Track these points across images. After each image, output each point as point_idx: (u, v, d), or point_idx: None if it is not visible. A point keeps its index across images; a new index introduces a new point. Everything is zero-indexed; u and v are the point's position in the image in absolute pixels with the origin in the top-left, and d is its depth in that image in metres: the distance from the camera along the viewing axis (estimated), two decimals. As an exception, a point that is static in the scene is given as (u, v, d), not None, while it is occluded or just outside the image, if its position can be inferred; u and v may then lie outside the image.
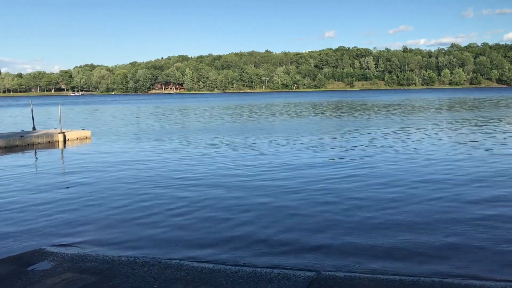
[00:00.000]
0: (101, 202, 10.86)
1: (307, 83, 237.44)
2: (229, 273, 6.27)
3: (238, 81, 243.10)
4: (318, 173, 13.81)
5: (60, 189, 12.51)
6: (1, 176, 14.62)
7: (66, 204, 10.79)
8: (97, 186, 12.69)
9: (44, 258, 6.92)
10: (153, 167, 15.74)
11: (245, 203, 10.51)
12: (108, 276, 6.10)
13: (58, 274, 6.17)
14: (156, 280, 5.95)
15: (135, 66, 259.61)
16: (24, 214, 10.00)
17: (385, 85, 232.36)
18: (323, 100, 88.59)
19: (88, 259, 6.87)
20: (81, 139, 25.26)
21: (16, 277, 6.07)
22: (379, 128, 28.52)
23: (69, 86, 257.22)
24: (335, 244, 7.67)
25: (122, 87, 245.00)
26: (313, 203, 10.38)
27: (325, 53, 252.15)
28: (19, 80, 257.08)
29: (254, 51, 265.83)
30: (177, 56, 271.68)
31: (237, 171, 14.59)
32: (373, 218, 9.05)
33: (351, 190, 11.58)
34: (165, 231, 8.56)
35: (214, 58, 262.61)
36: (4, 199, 11.36)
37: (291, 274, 6.25)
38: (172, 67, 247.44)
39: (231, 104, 78.51)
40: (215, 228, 8.66)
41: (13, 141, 22.43)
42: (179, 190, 11.92)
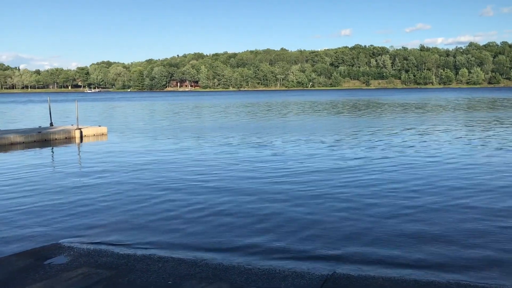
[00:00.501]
0: (116, 199, 10.95)
1: (322, 81, 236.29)
2: (243, 270, 6.28)
3: (253, 79, 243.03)
4: (336, 175, 13.73)
5: (76, 185, 12.65)
6: (19, 171, 14.83)
7: (82, 199, 10.91)
8: (113, 183, 12.80)
9: (60, 252, 7.01)
10: (169, 165, 15.81)
11: (260, 203, 10.50)
12: (123, 271, 6.15)
13: (74, 268, 6.25)
14: (170, 276, 5.98)
15: (151, 64, 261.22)
16: (41, 209, 10.13)
17: (401, 84, 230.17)
18: (340, 99, 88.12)
19: (104, 254, 6.93)
20: (98, 135, 25.51)
21: (33, 271, 6.16)
22: (399, 128, 28.25)
23: (86, 83, 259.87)
24: (351, 247, 7.61)
25: (138, 84, 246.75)
26: (330, 205, 10.32)
27: (341, 51, 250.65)
28: (37, 76, 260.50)
29: (270, 49, 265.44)
30: (193, 53, 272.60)
31: (253, 170, 14.58)
32: (392, 224, 8.89)
33: (370, 193, 11.48)
34: (180, 229, 8.60)
35: (229, 56, 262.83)
36: (21, 194, 11.53)
37: (305, 272, 6.23)
38: (188, 65, 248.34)
39: (247, 102, 78.55)
40: (229, 228, 8.67)
41: (31, 137, 22.75)
42: (195, 189, 11.96)
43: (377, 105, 59.46)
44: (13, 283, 5.71)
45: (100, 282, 5.74)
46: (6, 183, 12.90)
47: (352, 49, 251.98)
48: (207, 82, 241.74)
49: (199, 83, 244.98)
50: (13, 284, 5.67)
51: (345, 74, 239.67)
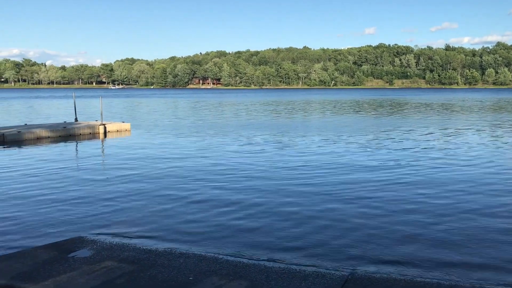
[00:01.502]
0: (139, 194, 11.08)
1: (345, 80, 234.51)
2: (263, 268, 6.28)
3: (275, 77, 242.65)
4: (362, 176, 13.63)
5: (100, 179, 12.84)
6: (44, 166, 15.13)
7: (105, 194, 11.07)
8: (135, 178, 12.95)
9: (84, 246, 7.12)
10: (192, 161, 15.90)
11: (281, 202, 10.49)
12: (145, 266, 6.21)
13: (97, 262, 6.34)
14: (191, 272, 6.02)
15: (174, 61, 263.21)
16: (65, 202, 10.32)
17: (425, 84, 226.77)
18: (364, 98, 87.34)
19: (126, 248, 7.02)
20: (121, 131, 25.85)
21: (57, 263, 6.27)
22: (428, 128, 27.87)
23: (110, 79, 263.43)
24: (372, 248, 7.55)
25: (161, 81, 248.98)
26: (352, 205, 10.25)
27: (365, 50, 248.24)
28: (62, 72, 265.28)
29: (292, 47, 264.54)
30: (215, 51, 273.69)
31: (277, 170, 14.57)
32: (416, 226, 8.81)
33: (394, 195, 11.35)
34: (201, 225, 8.65)
35: (251, 54, 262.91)
36: (46, 188, 11.76)
37: (325, 273, 6.19)
38: (210, 62, 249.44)
39: (270, 100, 78.51)
40: (250, 226, 8.69)
41: (56, 132, 23.19)
42: (218, 186, 12.01)
43: (403, 105, 58.73)
44: (38, 275, 5.83)
45: (123, 276, 5.81)
46: (32, 177, 13.17)
47: (376, 48, 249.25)
48: (229, 79, 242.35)
49: (221, 80, 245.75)
50: (39, 276, 5.79)
51: (368, 73, 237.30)
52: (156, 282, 5.66)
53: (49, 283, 5.55)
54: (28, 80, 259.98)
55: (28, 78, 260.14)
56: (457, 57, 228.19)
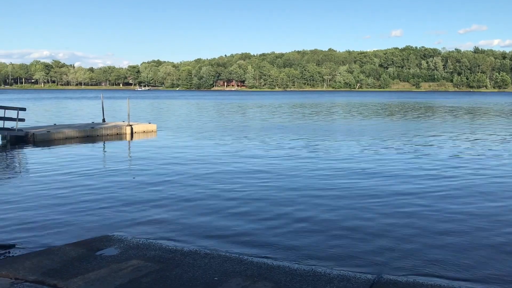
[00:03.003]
0: (164, 194, 11.20)
1: (370, 82, 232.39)
2: (288, 270, 6.27)
3: (300, 79, 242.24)
4: (390, 180, 13.48)
5: (126, 179, 13.04)
6: (71, 165, 15.44)
7: (132, 194, 11.23)
8: (161, 179, 13.09)
9: (111, 244, 7.24)
10: (219, 163, 15.96)
11: (306, 205, 10.46)
12: (171, 266, 6.28)
13: (124, 260, 6.44)
14: (216, 272, 6.06)
15: (199, 63, 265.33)
16: (92, 201, 10.51)
17: (453, 87, 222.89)
18: (395, 101, 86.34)
19: (152, 247, 7.11)
20: (147, 132, 26.19)
21: (85, 261, 6.39)
22: (462, 134, 27.40)
23: (136, 81, 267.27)
24: (398, 253, 7.45)
25: (186, 83, 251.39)
26: (379, 209, 10.15)
27: (391, 53, 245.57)
28: (90, 74, 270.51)
29: (317, 49, 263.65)
30: (240, 53, 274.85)
31: (303, 172, 14.53)
32: (447, 232, 8.55)
33: (428, 200, 11.19)
34: (226, 226, 8.70)
35: (276, 56, 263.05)
36: (73, 187, 12.00)
37: (351, 276, 6.15)
38: (235, 65, 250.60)
39: (298, 103, 78.35)
40: (274, 228, 8.69)
41: (84, 132, 23.66)
42: (244, 187, 12.03)
43: (432, 109, 57.81)
44: (67, 271, 5.96)
45: (149, 275, 5.89)
46: (60, 176, 13.46)
47: (402, 50, 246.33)
48: (253, 82, 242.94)
49: (246, 83, 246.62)
50: (68, 272, 5.92)
51: (394, 75, 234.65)
52: (182, 282, 5.72)
53: (78, 280, 5.67)
54: (57, 81, 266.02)
55: (57, 79, 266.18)
56: (486, 60, 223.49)
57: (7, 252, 7.22)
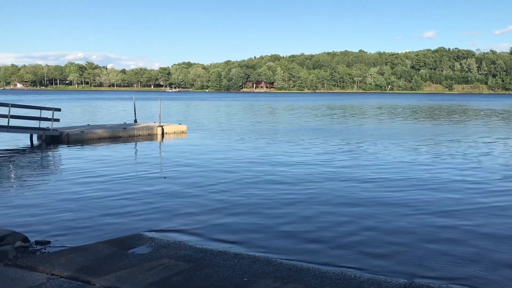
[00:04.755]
0: (194, 194, 11.31)
1: (402, 84, 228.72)
2: (318, 273, 6.23)
3: (329, 81, 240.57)
4: (429, 185, 13.24)
5: (157, 179, 13.22)
6: (104, 165, 15.76)
7: (163, 193, 11.38)
8: (192, 179, 13.22)
9: (142, 243, 7.35)
10: (250, 164, 15.98)
11: (337, 209, 10.38)
12: (201, 265, 6.34)
13: (155, 259, 6.53)
14: (245, 273, 6.08)
15: (229, 65, 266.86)
16: (124, 201, 10.70)
17: (488, 89, 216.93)
18: (431, 103, 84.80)
19: (182, 247, 7.19)
20: (178, 133, 26.50)
21: (118, 259, 6.51)
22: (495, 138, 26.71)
23: (167, 82, 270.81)
24: (431, 259, 7.31)
25: (215, 84, 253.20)
26: (416, 215, 9.99)
27: (423, 54, 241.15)
28: (122, 75, 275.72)
29: (347, 51, 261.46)
30: (269, 55, 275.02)
31: (336, 175, 14.43)
32: (483, 242, 8.31)
33: (470, 208, 10.92)
34: (255, 227, 8.71)
35: (305, 57, 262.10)
36: (106, 187, 12.25)
37: (381, 280, 6.06)
38: (264, 66, 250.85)
39: (330, 104, 77.89)
40: (304, 230, 8.65)
41: (116, 132, 24.13)
42: (275, 189, 12.01)
43: (468, 112, 56.48)
44: (100, 269, 6.09)
45: (180, 274, 5.96)
46: (93, 176, 13.76)
47: (435, 52, 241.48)
48: (282, 83, 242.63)
49: (275, 84, 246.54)
50: (101, 270, 6.05)
51: (426, 77, 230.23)
52: (212, 281, 5.76)
53: (110, 277, 5.78)
54: (90, 83, 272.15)
55: (91, 80, 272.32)
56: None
57: (43, 248, 7.43)
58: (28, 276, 5.83)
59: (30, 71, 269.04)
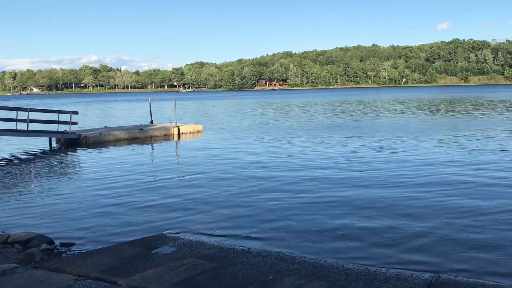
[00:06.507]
0: (212, 193, 11.33)
1: (416, 78, 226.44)
2: (342, 269, 6.20)
3: (343, 76, 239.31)
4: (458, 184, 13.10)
5: (177, 179, 13.29)
6: (123, 166, 15.89)
7: (181, 193, 11.44)
8: (210, 178, 13.26)
9: (166, 243, 7.39)
10: (267, 162, 15.97)
11: (361, 205, 10.33)
12: (225, 264, 6.35)
13: (179, 258, 6.56)
14: (270, 271, 6.07)
15: (242, 63, 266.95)
16: (144, 201, 10.78)
17: (504, 80, 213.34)
18: (450, 96, 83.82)
19: (205, 246, 7.21)
20: (194, 133, 26.62)
21: (142, 259, 6.56)
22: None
23: (180, 82, 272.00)
24: (457, 253, 7.22)
25: (228, 83, 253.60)
26: (440, 210, 9.90)
27: (437, 46, 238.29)
28: (136, 77, 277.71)
29: (360, 45, 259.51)
30: (282, 52, 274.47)
31: (358, 173, 14.35)
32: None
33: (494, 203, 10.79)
34: (278, 225, 8.71)
35: (318, 53, 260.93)
36: (126, 187, 12.35)
37: (407, 275, 6.01)
38: (277, 64, 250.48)
39: (341, 100, 77.48)
40: (326, 227, 8.63)
41: (133, 133, 24.33)
42: (296, 187, 11.99)
43: (486, 104, 55.70)
44: (126, 269, 6.14)
45: (204, 273, 5.98)
46: (113, 177, 13.88)
47: (450, 44, 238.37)
48: (295, 80, 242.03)
49: (288, 81, 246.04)
50: (126, 270, 6.10)
51: (441, 70, 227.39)
52: (237, 280, 5.77)
53: (136, 278, 5.83)
54: (104, 85, 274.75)
55: (105, 83, 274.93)
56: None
57: (68, 250, 7.53)
58: (56, 277, 5.90)
59: (45, 76, 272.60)
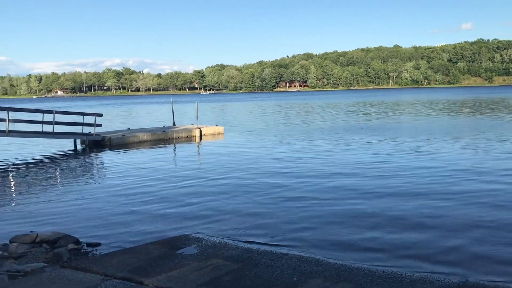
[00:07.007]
0: (238, 194, 11.37)
1: (439, 78, 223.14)
2: (367, 272, 6.15)
3: (364, 77, 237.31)
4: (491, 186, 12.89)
5: (198, 180, 13.37)
6: (147, 167, 16.06)
7: (205, 195, 11.49)
8: (232, 179, 13.31)
9: (190, 243, 7.45)
10: (290, 163, 15.94)
11: (389, 206, 10.23)
12: (249, 265, 6.37)
13: (204, 259, 6.61)
14: (294, 273, 6.07)
15: (262, 65, 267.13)
16: (167, 201, 10.89)
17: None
18: (475, 97, 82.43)
19: (229, 247, 7.24)
20: (215, 134, 26.76)
21: (168, 259, 6.63)
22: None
23: (201, 85, 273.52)
24: (484, 257, 7.10)
25: (249, 85, 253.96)
26: (473, 213, 9.75)
27: (460, 47, 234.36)
28: (158, 79, 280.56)
29: (382, 46, 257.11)
30: (302, 54, 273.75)
31: (382, 173, 14.23)
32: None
33: None
34: (300, 227, 8.69)
35: (339, 54, 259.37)
36: (149, 188, 12.48)
37: (434, 279, 5.93)
38: (297, 65, 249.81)
39: (364, 101, 76.89)
40: (352, 229, 8.57)
41: (156, 135, 24.60)
42: (317, 188, 11.95)
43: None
44: (152, 269, 6.21)
45: (229, 274, 6.01)
46: (137, 178, 14.05)
47: (473, 44, 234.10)
48: (316, 81, 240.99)
49: (308, 83, 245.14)
50: (152, 270, 6.17)
51: (464, 70, 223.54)
52: (261, 281, 5.78)
53: (162, 278, 5.89)
54: (127, 88, 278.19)
55: (128, 85, 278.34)
56: None
57: (94, 250, 7.65)
58: (83, 277, 6.01)
59: (69, 79, 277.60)
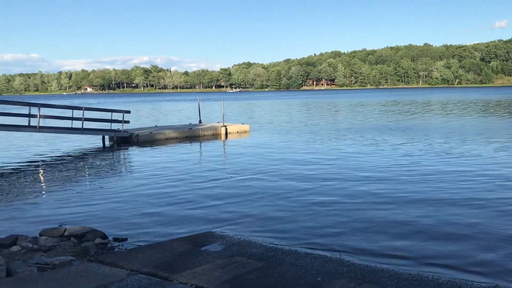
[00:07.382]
0: (259, 193, 11.36)
1: (471, 78, 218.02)
2: (393, 274, 6.06)
3: (393, 76, 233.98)
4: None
5: (223, 178, 13.42)
6: (174, 164, 16.23)
7: (229, 191, 11.55)
8: (257, 178, 13.30)
9: (214, 240, 7.49)
10: (316, 164, 15.85)
11: (416, 208, 10.08)
12: (273, 264, 6.36)
13: (228, 256, 6.63)
14: (319, 273, 6.02)
15: (289, 63, 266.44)
16: (192, 198, 10.98)
17: None
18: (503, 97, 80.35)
19: (253, 245, 7.24)
20: (241, 132, 26.82)
21: (192, 256, 6.68)
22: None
23: (228, 83, 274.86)
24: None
25: (275, 83, 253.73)
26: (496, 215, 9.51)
27: (494, 45, 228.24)
28: (185, 77, 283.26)
29: (411, 45, 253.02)
30: (330, 52, 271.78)
31: (412, 178, 14.02)
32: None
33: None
34: (324, 227, 8.63)
35: (367, 53, 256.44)
36: (175, 185, 12.61)
37: (461, 282, 5.80)
38: (324, 63, 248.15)
39: (394, 100, 75.85)
40: (376, 231, 8.47)
41: (183, 132, 24.82)
42: (343, 189, 11.85)
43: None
44: (176, 265, 6.27)
45: (253, 272, 6.01)
46: (163, 175, 14.20)
47: (507, 42, 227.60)
48: (344, 80, 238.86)
49: (335, 81, 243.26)
50: (177, 266, 6.22)
51: (497, 70, 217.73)
52: (285, 280, 5.76)
53: (186, 274, 5.94)
54: (155, 85, 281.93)
55: (155, 83, 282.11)
56: None
57: (121, 245, 7.77)
58: (110, 271, 6.10)
59: (99, 76, 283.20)
